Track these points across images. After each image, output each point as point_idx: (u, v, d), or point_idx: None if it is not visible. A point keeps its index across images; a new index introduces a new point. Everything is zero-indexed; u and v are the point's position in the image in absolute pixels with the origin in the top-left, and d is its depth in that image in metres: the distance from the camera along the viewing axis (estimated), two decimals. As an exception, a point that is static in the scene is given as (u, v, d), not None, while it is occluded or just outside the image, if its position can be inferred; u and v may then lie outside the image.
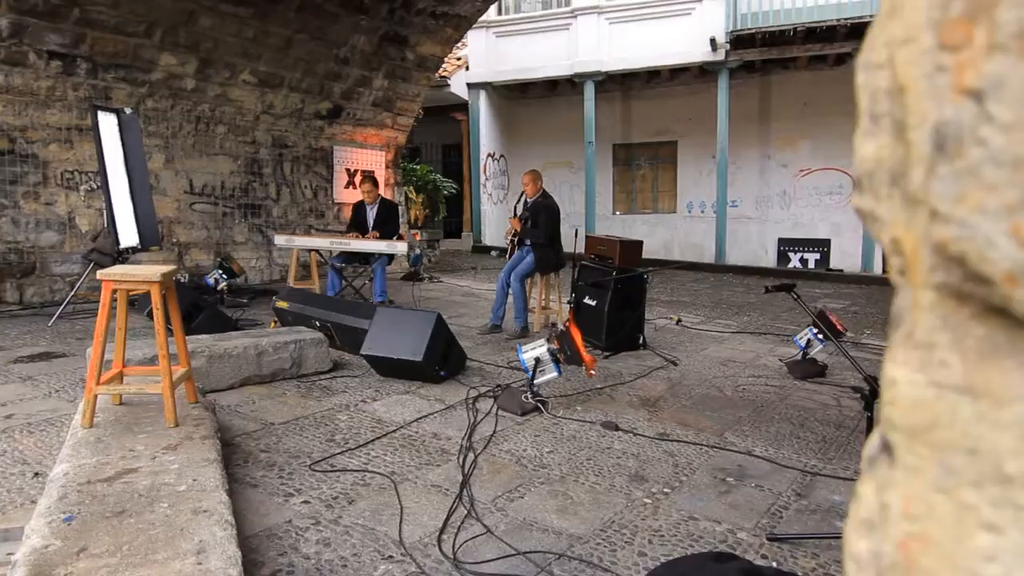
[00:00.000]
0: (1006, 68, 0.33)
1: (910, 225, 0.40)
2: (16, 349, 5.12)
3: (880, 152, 0.45)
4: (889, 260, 0.45)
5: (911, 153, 0.40)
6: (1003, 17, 0.34)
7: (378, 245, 6.60)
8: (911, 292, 0.42)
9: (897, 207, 0.42)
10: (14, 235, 6.70)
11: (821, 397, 4.59)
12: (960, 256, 0.35)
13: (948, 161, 0.35)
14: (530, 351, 4.03)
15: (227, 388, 4.22)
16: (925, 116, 0.38)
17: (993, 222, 0.33)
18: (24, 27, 6.38)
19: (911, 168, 0.40)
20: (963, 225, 0.35)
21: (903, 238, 0.41)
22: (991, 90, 0.34)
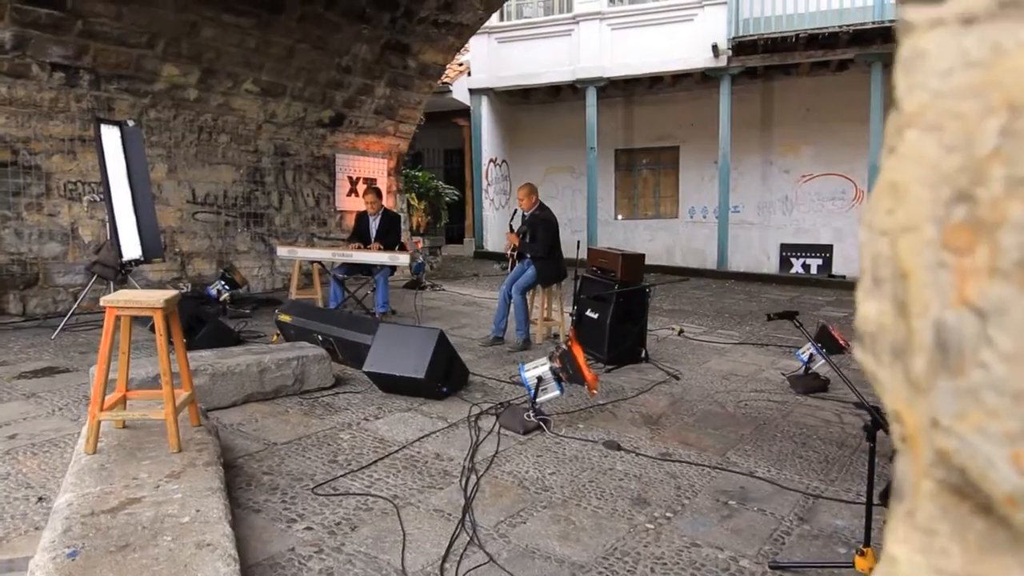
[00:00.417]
0: (1008, 296, 0.33)
1: (912, 407, 0.41)
2: (20, 364, 5.13)
3: (882, 318, 0.45)
4: (890, 423, 0.45)
5: (913, 340, 0.40)
6: (1006, 241, 0.34)
7: (380, 257, 6.61)
8: (912, 469, 0.42)
9: (899, 382, 0.42)
10: (17, 246, 6.72)
11: (823, 414, 4.59)
12: (961, 467, 0.36)
13: (950, 376, 0.36)
14: (532, 370, 4.03)
15: (230, 405, 4.23)
16: (927, 307, 0.39)
17: (994, 446, 0.34)
18: (27, 39, 6.40)
19: (914, 354, 0.40)
20: (964, 442, 0.35)
21: (904, 414, 0.42)
22: (993, 314, 0.34)
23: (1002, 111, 0.35)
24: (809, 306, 9.55)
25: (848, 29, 11.38)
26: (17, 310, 6.69)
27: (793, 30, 11.76)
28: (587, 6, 13.43)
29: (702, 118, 14.22)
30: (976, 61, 0.37)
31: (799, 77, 13.55)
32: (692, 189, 14.96)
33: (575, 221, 15.67)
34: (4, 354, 5.41)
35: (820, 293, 10.96)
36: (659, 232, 15.22)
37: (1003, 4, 0.36)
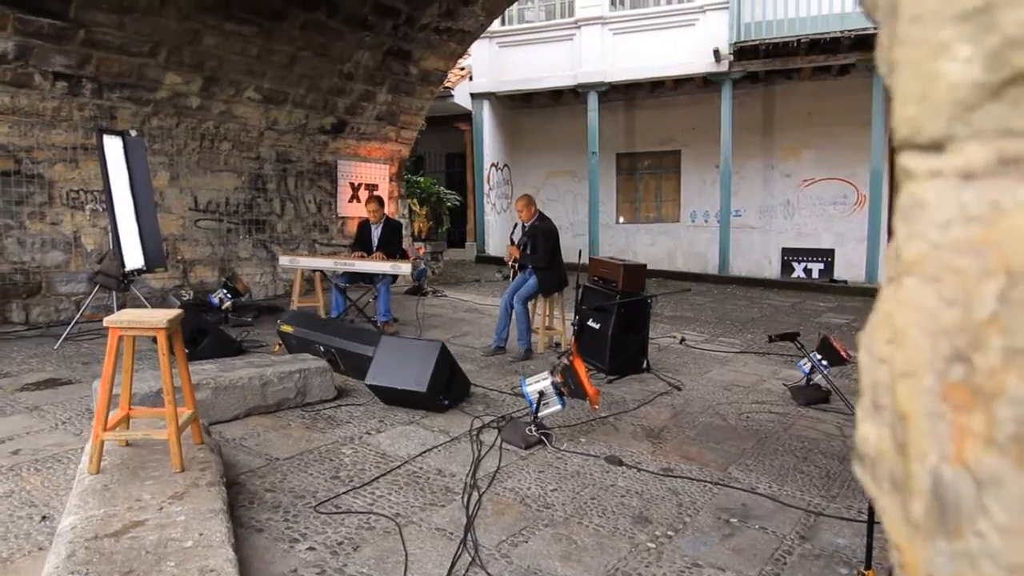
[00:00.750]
0: (1004, 469, 0.34)
1: (911, 545, 0.41)
2: (23, 375, 5.15)
3: (881, 444, 0.46)
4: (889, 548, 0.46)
5: (912, 483, 0.40)
6: (1002, 414, 0.34)
7: (382, 266, 6.62)
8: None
9: (898, 516, 0.43)
10: (20, 255, 6.73)
11: (824, 426, 4.59)
12: (959, 627, 0.36)
13: (947, 537, 0.36)
14: (534, 384, 4.04)
15: (232, 419, 4.24)
16: (925, 455, 0.39)
17: (991, 615, 0.34)
18: (30, 49, 6.41)
19: (913, 496, 0.40)
20: (962, 606, 0.36)
21: (905, 550, 0.42)
22: (989, 484, 0.35)
23: (1000, 275, 0.36)
24: (810, 312, 9.56)
25: (850, 34, 11.37)
26: (20, 319, 6.71)
27: (795, 35, 11.76)
28: (589, 11, 13.44)
29: (704, 122, 14.23)
30: (975, 217, 0.38)
31: (800, 81, 13.56)
32: (694, 193, 14.96)
33: (576, 225, 15.69)
34: (7, 365, 5.43)
35: (821, 299, 10.96)
36: (660, 236, 15.22)
37: (1002, 161, 0.37)
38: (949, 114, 0.38)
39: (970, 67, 0.37)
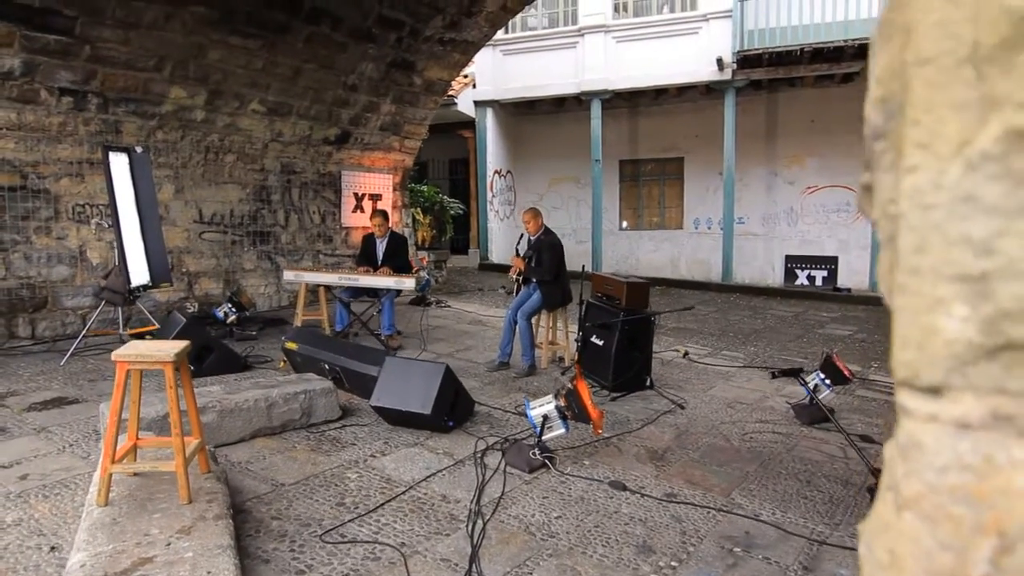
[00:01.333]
0: None
1: None
2: (30, 393, 5.18)
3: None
4: None
5: None
6: None
7: (386, 281, 6.64)
8: None
9: None
10: (26, 270, 6.77)
11: (828, 447, 4.60)
12: None
13: None
14: (538, 408, 4.06)
15: (238, 441, 4.27)
16: None
17: None
18: (36, 66, 6.45)
19: None
20: None
21: None
22: None
23: (993, 535, 0.38)
24: (814, 323, 9.56)
25: (853, 43, 11.38)
26: (26, 333, 6.75)
27: (798, 44, 11.77)
28: (592, 19, 13.46)
29: (707, 129, 14.25)
30: (970, 467, 0.39)
31: (804, 88, 13.57)
32: (697, 200, 14.98)
33: (580, 231, 15.72)
34: (15, 382, 5.46)
35: (825, 308, 10.96)
36: (664, 243, 15.24)
37: (996, 417, 0.39)
38: (946, 366, 0.40)
39: (966, 327, 0.39)
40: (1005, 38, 0.35)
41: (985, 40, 0.35)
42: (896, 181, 0.43)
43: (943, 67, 0.37)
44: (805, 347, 7.94)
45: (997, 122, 0.35)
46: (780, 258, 14.10)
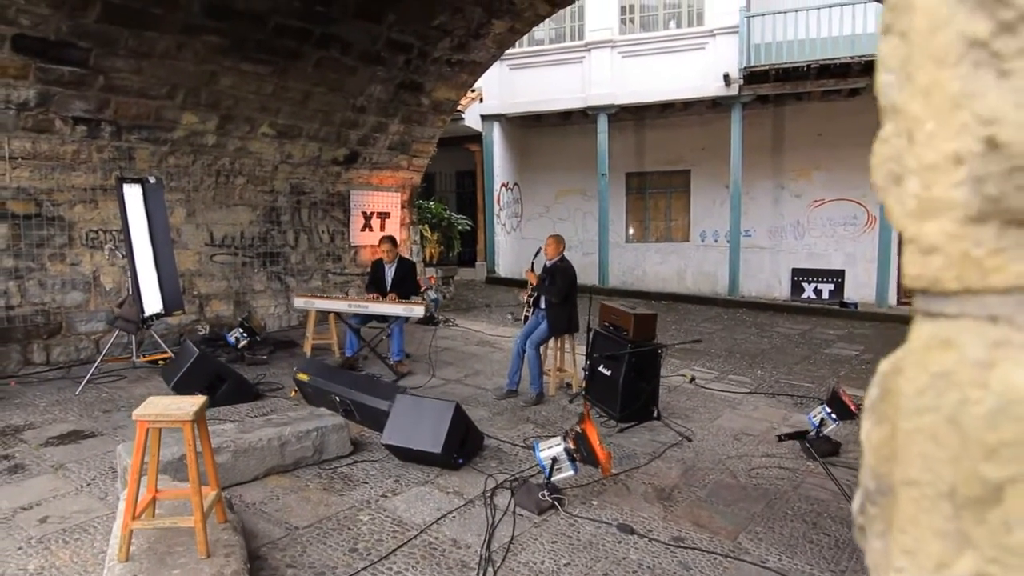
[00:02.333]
0: None
1: None
2: (47, 426, 5.26)
3: None
4: None
5: None
6: None
7: (396, 308, 6.72)
8: None
9: None
10: (41, 297, 6.87)
11: (833, 484, 4.63)
12: None
13: None
14: (547, 449, 4.12)
15: (252, 480, 4.33)
16: None
17: None
18: (51, 96, 6.55)
19: None
20: None
21: None
22: None
23: None
24: (820, 342, 9.59)
25: (860, 60, 11.40)
26: (41, 359, 6.84)
27: (804, 60, 11.80)
28: (599, 34, 13.51)
29: (713, 142, 14.28)
30: None
31: (811, 102, 13.59)
32: (703, 213, 15.01)
33: (586, 243, 15.77)
34: (31, 413, 5.55)
35: (831, 325, 10.97)
36: (670, 255, 15.27)
37: None
38: None
39: None
40: (979, 496, 0.40)
41: (962, 489, 0.41)
42: (887, 551, 0.49)
43: (926, 494, 0.43)
44: (811, 370, 7.97)
45: (971, 559, 0.41)
46: (787, 271, 14.12)
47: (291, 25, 7.51)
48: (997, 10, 0.39)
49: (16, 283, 6.69)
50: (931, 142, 0.43)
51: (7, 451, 4.76)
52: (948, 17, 0.42)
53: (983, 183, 0.39)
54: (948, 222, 0.42)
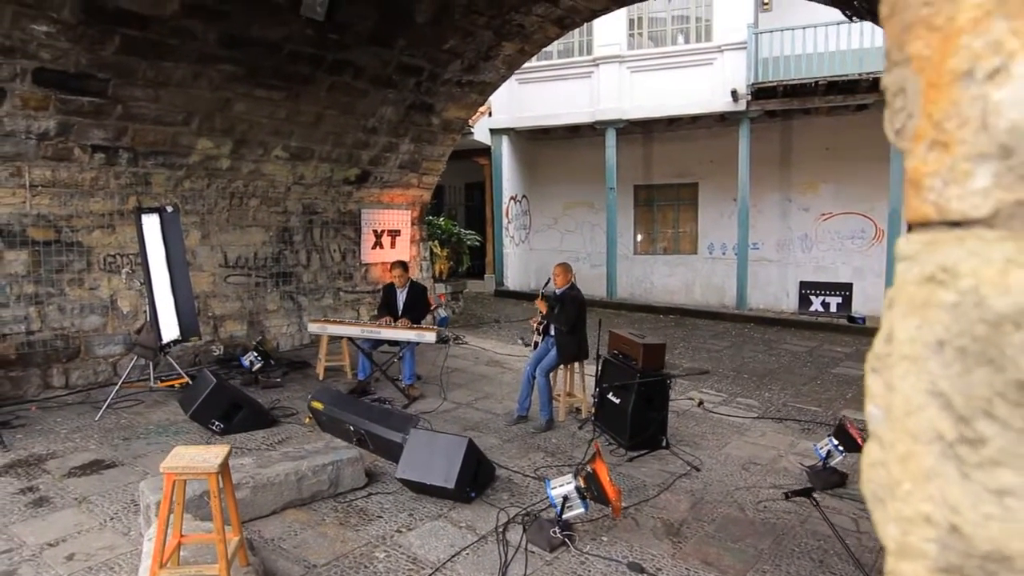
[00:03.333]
0: None
1: None
2: (68, 455, 5.39)
3: None
4: None
5: None
6: None
7: (407, 334, 6.82)
8: None
9: None
10: (60, 321, 7.00)
11: (840, 519, 4.69)
12: None
13: None
14: (559, 488, 4.20)
15: (270, 514, 4.44)
16: None
17: None
18: (70, 126, 6.68)
19: None
20: None
21: None
22: None
23: None
24: (828, 360, 9.64)
25: (868, 76, 11.44)
26: (60, 383, 6.98)
27: (812, 77, 11.85)
28: (607, 49, 13.60)
29: (721, 155, 14.34)
30: None
31: (818, 116, 13.63)
32: (711, 225, 15.06)
33: (594, 255, 15.86)
34: (53, 441, 5.68)
35: (839, 342, 11.01)
36: (678, 268, 15.33)
37: None
38: None
39: None
40: None
41: None
42: None
43: None
44: (819, 391, 8.03)
45: None
46: (794, 284, 14.14)
47: (304, 52, 7.63)
48: (960, 424, 0.48)
49: (36, 308, 6.83)
50: (908, 499, 0.52)
51: (32, 482, 4.88)
52: (922, 406, 0.51)
53: (951, 571, 0.48)
54: (921, 568, 0.51)
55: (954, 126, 0.48)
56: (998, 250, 0.47)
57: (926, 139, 0.50)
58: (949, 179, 0.49)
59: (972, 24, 0.47)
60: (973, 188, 0.48)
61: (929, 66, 0.49)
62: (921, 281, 0.50)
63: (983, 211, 0.48)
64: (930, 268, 0.50)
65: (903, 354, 0.52)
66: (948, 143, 0.49)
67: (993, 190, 0.47)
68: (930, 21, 0.49)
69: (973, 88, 0.47)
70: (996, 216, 0.47)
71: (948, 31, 0.48)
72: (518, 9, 8.25)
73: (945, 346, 0.49)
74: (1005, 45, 0.46)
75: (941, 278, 0.49)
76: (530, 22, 8.63)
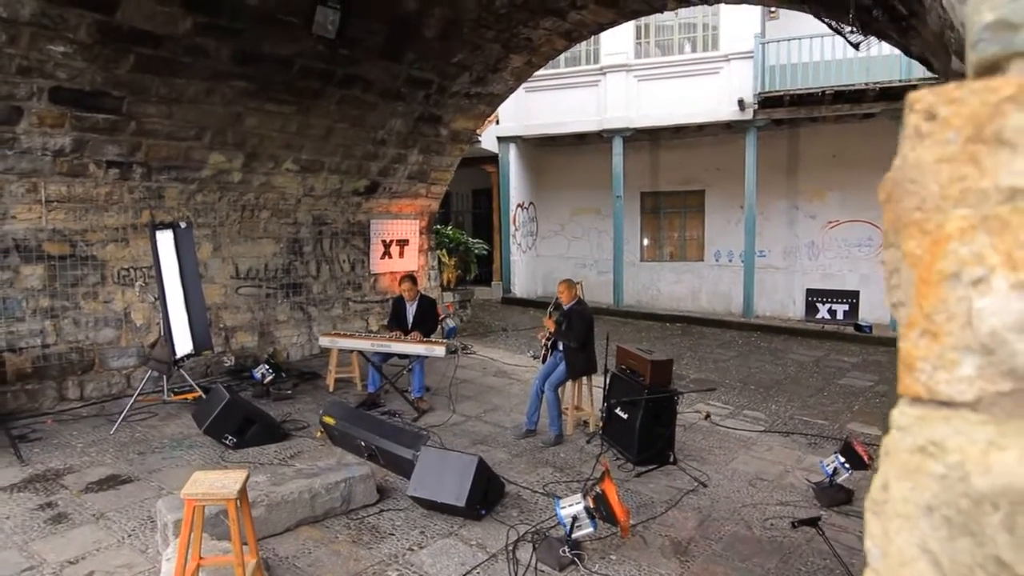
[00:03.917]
0: None
1: None
2: (85, 470, 5.48)
3: None
4: None
5: None
6: None
7: (417, 348, 6.89)
8: None
9: None
10: (75, 335, 7.10)
11: (847, 537, 4.74)
12: None
13: None
14: (568, 507, 4.26)
15: (284, 531, 4.52)
16: None
17: None
18: (85, 142, 6.78)
19: None
20: None
21: None
22: None
23: None
24: (834, 371, 9.67)
25: (875, 87, 11.47)
26: (75, 395, 7.08)
27: (819, 87, 11.88)
28: (614, 58, 13.66)
29: (728, 162, 14.38)
30: None
31: (825, 124, 13.66)
32: (718, 232, 15.10)
33: (601, 262, 15.92)
34: (70, 455, 5.77)
35: (846, 351, 11.04)
36: (685, 275, 15.38)
37: None
38: None
39: None
40: None
41: None
42: None
43: None
44: (825, 403, 8.06)
45: None
46: (801, 291, 14.16)
47: (315, 67, 7.71)
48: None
49: (52, 322, 6.93)
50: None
51: (50, 498, 4.97)
52: (914, 558, 0.57)
53: None
54: None
55: (942, 320, 0.55)
56: (981, 432, 0.53)
57: (918, 327, 0.56)
58: (938, 365, 0.55)
59: (959, 233, 0.54)
60: (959, 375, 0.54)
61: (921, 264, 0.56)
62: (913, 450, 0.57)
63: (968, 396, 0.54)
64: (921, 440, 0.56)
65: (897, 511, 0.58)
66: (937, 333, 0.55)
67: (976, 380, 0.53)
68: (922, 225, 0.56)
69: (959, 290, 0.54)
70: (979, 402, 0.54)
71: (938, 236, 0.55)
72: (526, 23, 8.32)
73: (934, 511, 0.55)
74: (987, 259, 0.52)
75: (931, 450, 0.56)
76: (538, 36, 8.70)
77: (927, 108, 0.55)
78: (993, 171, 0.52)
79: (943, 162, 0.54)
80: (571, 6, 8.02)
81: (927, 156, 0.55)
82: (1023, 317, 0.50)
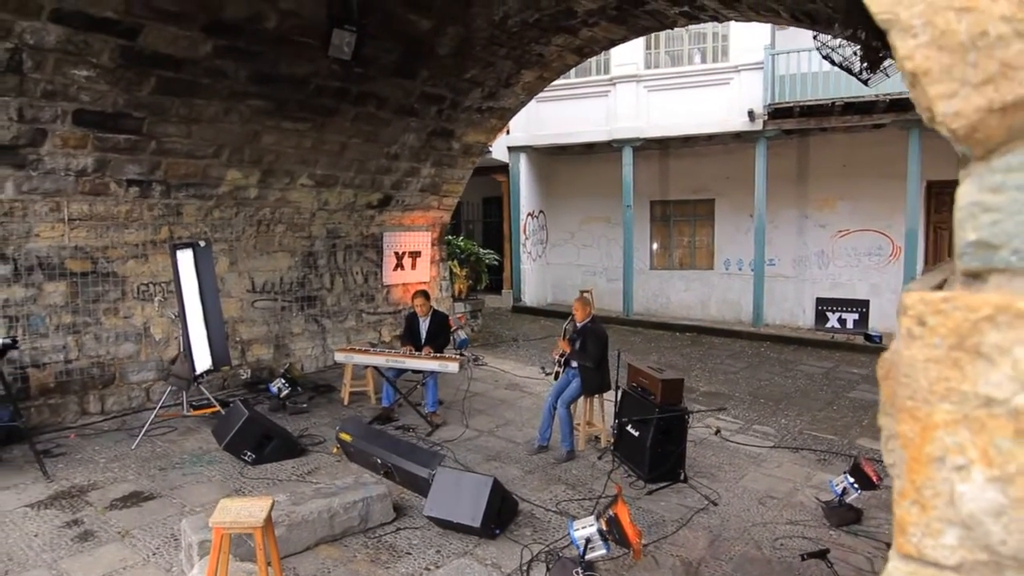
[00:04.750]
0: None
1: None
2: (108, 486, 5.61)
3: None
4: None
5: None
6: None
7: (431, 364, 7.00)
8: None
9: None
10: (96, 350, 7.26)
11: (856, 558, 4.82)
12: None
13: None
14: (581, 529, 4.36)
15: (304, 550, 4.63)
16: None
17: None
18: (107, 162, 6.94)
19: None
20: None
21: None
22: None
23: None
24: (844, 383, 9.71)
25: (885, 98, 11.50)
26: (96, 409, 7.23)
27: (829, 98, 11.92)
28: (624, 68, 13.74)
29: (738, 171, 14.42)
30: None
31: (835, 134, 13.68)
32: (727, 241, 15.15)
33: (611, 270, 16.00)
34: (93, 471, 5.91)
35: (856, 362, 11.08)
36: (694, 283, 15.43)
37: None
38: None
39: None
40: None
41: None
42: None
43: None
44: (835, 417, 8.12)
45: None
46: (811, 300, 14.19)
47: (330, 86, 7.85)
48: None
49: (74, 338, 7.09)
50: None
51: (76, 515, 5.11)
52: None
53: None
54: None
55: (930, 495, 0.64)
56: (963, 591, 0.63)
57: (909, 497, 0.66)
58: (926, 532, 0.65)
59: (944, 424, 0.63)
60: (943, 543, 0.64)
61: (912, 446, 0.66)
62: (906, 601, 0.66)
63: (951, 561, 0.64)
64: (914, 593, 0.66)
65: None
66: (925, 506, 0.65)
67: (959, 548, 0.63)
68: (913, 412, 0.65)
69: (944, 472, 0.63)
70: (961, 566, 0.63)
71: (927, 423, 0.65)
72: (538, 40, 8.42)
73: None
74: (967, 451, 0.62)
75: (921, 603, 0.65)
76: (549, 52, 8.81)
77: (918, 316, 0.65)
78: (973, 378, 0.61)
79: (931, 362, 0.64)
80: (582, 23, 8.12)
81: (918, 355, 0.65)
82: (996, 506, 0.60)
